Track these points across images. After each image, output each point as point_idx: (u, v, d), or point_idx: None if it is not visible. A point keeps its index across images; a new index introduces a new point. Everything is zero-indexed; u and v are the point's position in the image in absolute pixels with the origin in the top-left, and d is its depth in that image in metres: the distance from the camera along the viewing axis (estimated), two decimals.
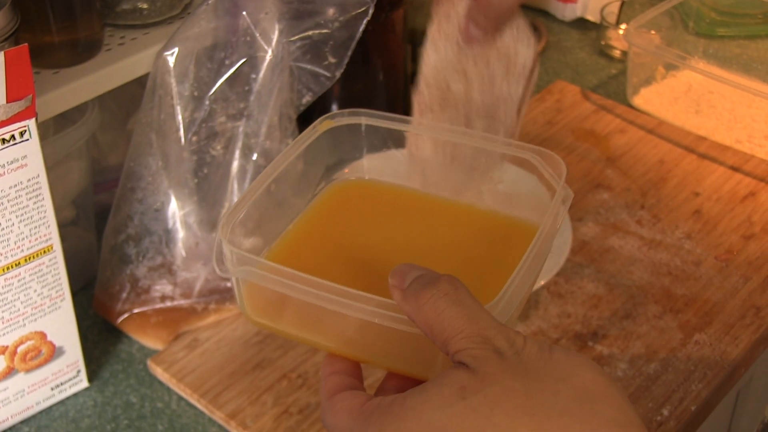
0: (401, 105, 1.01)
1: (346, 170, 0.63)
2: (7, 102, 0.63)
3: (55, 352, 0.76)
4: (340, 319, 0.50)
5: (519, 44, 0.64)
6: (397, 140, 0.62)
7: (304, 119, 0.80)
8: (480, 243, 0.60)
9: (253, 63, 0.81)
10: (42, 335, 0.74)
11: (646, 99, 1.14)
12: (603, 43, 1.28)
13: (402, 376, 0.51)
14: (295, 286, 0.49)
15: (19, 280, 0.70)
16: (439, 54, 0.63)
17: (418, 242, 0.59)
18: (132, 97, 0.92)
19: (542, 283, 0.84)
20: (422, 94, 0.64)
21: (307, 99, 0.84)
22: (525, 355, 0.43)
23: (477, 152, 0.61)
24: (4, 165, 0.66)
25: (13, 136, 0.65)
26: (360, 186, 0.64)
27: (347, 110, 0.62)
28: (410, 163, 0.63)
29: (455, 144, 0.62)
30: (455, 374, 0.42)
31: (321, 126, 0.61)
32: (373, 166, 0.63)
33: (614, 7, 1.27)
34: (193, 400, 0.78)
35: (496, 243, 0.60)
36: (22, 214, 0.68)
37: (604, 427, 0.40)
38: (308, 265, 0.54)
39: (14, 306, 0.71)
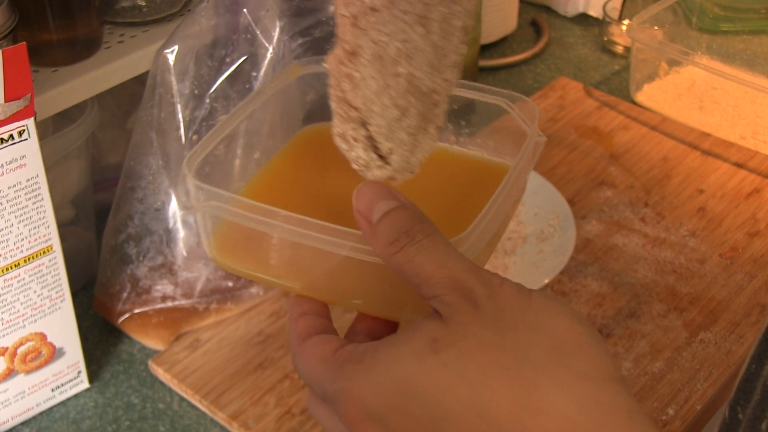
0: None
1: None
2: (5, 101, 0.63)
3: (55, 353, 0.75)
4: (307, 255, 0.48)
5: None
6: None
7: (307, 117, 0.79)
8: (453, 183, 0.58)
9: (254, 61, 0.80)
10: (42, 336, 0.74)
11: (650, 95, 1.14)
12: (606, 39, 1.27)
13: (373, 318, 0.49)
14: (260, 219, 0.47)
15: (18, 281, 0.70)
16: None
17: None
18: (132, 95, 0.91)
19: (546, 281, 0.84)
20: None
21: (311, 97, 0.83)
22: (501, 299, 0.41)
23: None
24: (2, 165, 0.65)
25: (11, 136, 0.64)
26: (329, 130, 0.62)
27: (316, 57, 0.59)
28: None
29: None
30: (427, 325, 0.41)
31: (290, 72, 0.59)
32: None
33: (617, 3, 1.27)
34: (194, 401, 0.78)
35: (469, 183, 0.58)
36: (21, 215, 0.68)
37: (577, 382, 0.39)
38: (277, 204, 0.51)
39: (14, 307, 0.71)
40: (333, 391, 0.43)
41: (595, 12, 1.32)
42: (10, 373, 0.73)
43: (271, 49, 0.80)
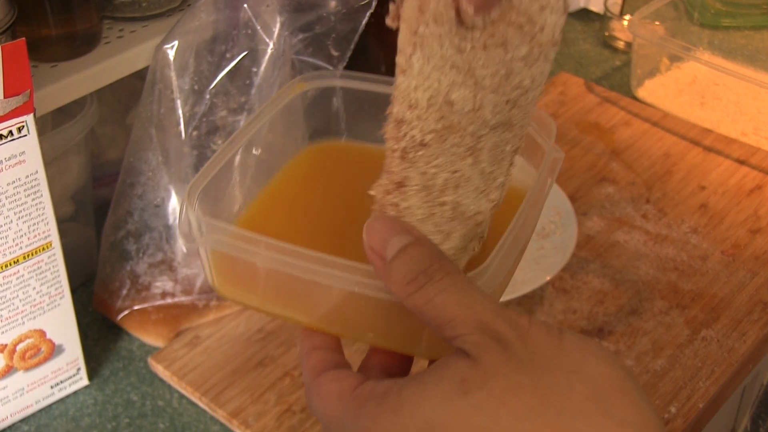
0: None
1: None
2: (4, 97, 0.62)
3: (54, 350, 0.75)
4: (317, 290, 0.46)
5: (544, 7, 0.44)
6: (377, 103, 0.57)
7: (312, 135, 0.79)
8: None
9: (254, 56, 0.79)
10: (41, 333, 0.73)
11: (651, 91, 1.13)
12: (607, 34, 1.27)
13: (387, 351, 0.47)
14: (266, 254, 0.45)
15: (17, 278, 0.69)
16: (426, 51, 0.41)
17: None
18: (131, 90, 0.91)
19: (548, 278, 0.83)
20: (405, 127, 0.43)
21: (311, 93, 0.83)
22: (531, 341, 0.39)
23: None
24: (1, 161, 0.64)
25: (10, 132, 0.64)
26: (336, 148, 0.60)
27: (321, 71, 0.58)
28: None
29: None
30: (455, 364, 0.39)
31: (293, 89, 0.57)
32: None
33: None
34: (194, 398, 0.77)
35: None
36: (20, 211, 0.67)
37: (620, 430, 0.37)
38: (281, 230, 0.50)
39: (13, 304, 0.70)
40: None
41: (596, 7, 1.32)
42: (9, 370, 0.73)
43: (271, 45, 0.79)
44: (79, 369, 0.78)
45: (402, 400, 0.39)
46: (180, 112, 0.79)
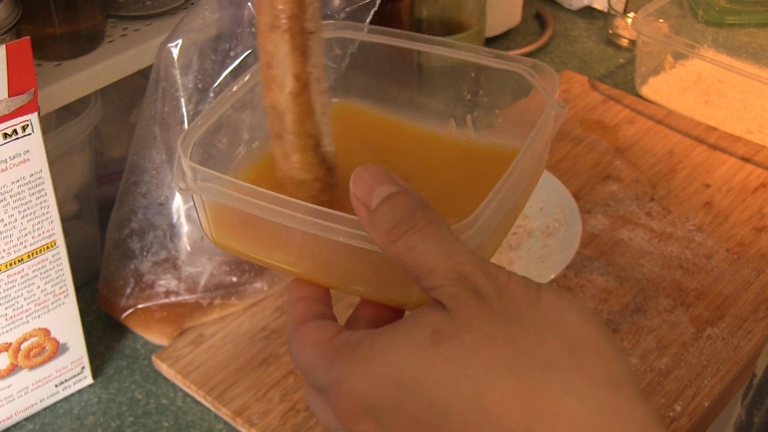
0: None
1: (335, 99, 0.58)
2: (9, 96, 0.62)
3: (58, 349, 0.75)
4: (306, 240, 0.46)
5: None
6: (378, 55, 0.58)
7: None
8: (459, 169, 0.55)
9: (258, 55, 0.79)
10: (46, 332, 0.73)
11: (655, 89, 1.13)
12: (610, 32, 1.26)
13: (376, 303, 0.47)
14: (258, 203, 0.45)
15: (22, 277, 0.69)
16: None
17: (394, 167, 0.52)
18: (135, 89, 0.91)
19: (552, 276, 0.83)
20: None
21: None
22: (508, 295, 0.39)
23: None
24: (6, 160, 0.64)
25: (15, 131, 0.64)
26: (337, 108, 0.59)
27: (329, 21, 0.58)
28: None
29: None
30: (429, 315, 0.39)
31: None
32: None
33: None
34: (198, 396, 0.77)
35: (477, 169, 0.55)
36: (24, 210, 0.67)
37: (591, 387, 0.36)
38: (276, 185, 0.49)
39: (17, 303, 0.70)
40: (326, 381, 0.40)
41: (599, 5, 1.31)
42: (13, 369, 0.73)
43: None
44: (83, 367, 0.78)
45: (374, 349, 0.39)
46: (184, 110, 0.79)
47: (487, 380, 0.37)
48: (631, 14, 1.23)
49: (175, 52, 0.77)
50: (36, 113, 0.64)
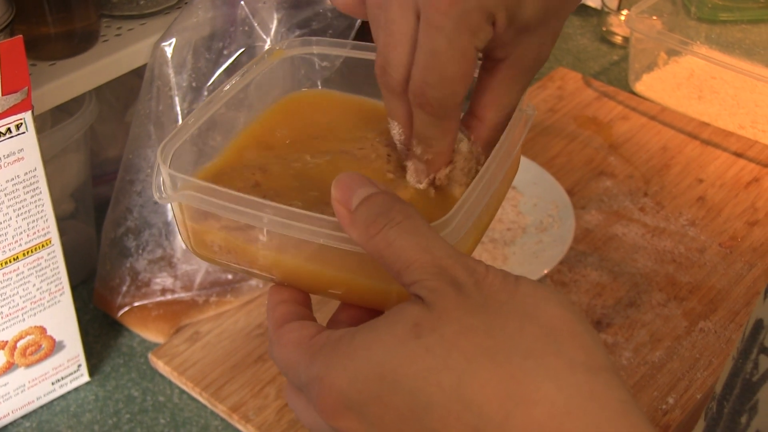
0: None
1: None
2: (2, 95, 0.63)
3: (55, 347, 0.75)
4: (283, 244, 0.46)
5: None
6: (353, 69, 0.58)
7: None
8: None
9: (251, 53, 0.80)
10: (42, 330, 0.74)
11: (649, 85, 1.13)
12: (604, 29, 1.27)
13: (357, 307, 0.47)
14: (230, 206, 0.45)
15: (17, 275, 0.70)
16: None
17: (372, 158, 0.53)
18: (130, 88, 0.91)
19: (545, 272, 0.84)
20: None
21: (294, 81, 0.83)
22: (487, 287, 0.39)
23: None
24: (0, 158, 0.65)
25: (9, 129, 0.64)
26: (312, 96, 0.59)
27: (299, 38, 0.57)
28: None
29: None
30: (409, 310, 0.39)
31: (273, 55, 0.56)
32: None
33: None
34: (194, 393, 0.78)
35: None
36: (19, 208, 0.68)
37: (568, 372, 0.37)
38: (249, 181, 0.49)
39: (13, 301, 0.71)
40: (308, 379, 0.40)
41: (593, 2, 1.32)
42: (10, 367, 0.73)
43: (268, 42, 0.80)
44: (79, 365, 0.78)
45: (354, 345, 0.39)
46: (178, 108, 0.79)
47: (467, 370, 0.37)
48: (625, 11, 1.23)
49: (169, 51, 0.78)
50: (30, 112, 0.65)
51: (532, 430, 0.36)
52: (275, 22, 0.80)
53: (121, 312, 0.83)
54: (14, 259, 0.69)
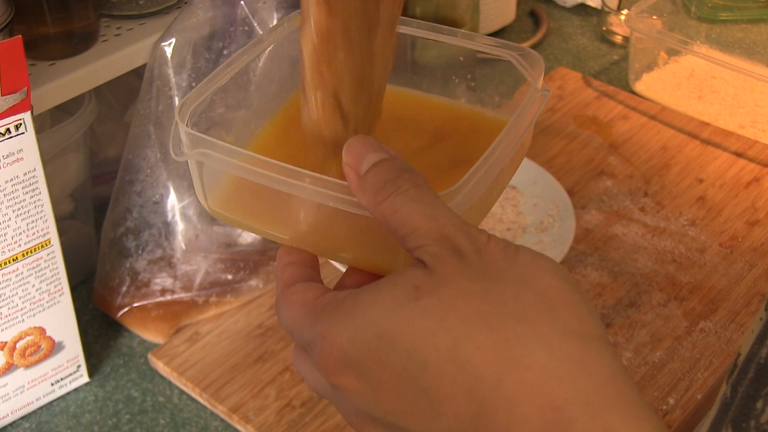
0: None
1: None
2: (1, 95, 0.62)
3: (54, 348, 0.75)
4: (298, 206, 0.47)
5: None
6: None
7: None
8: (450, 137, 0.56)
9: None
10: (41, 330, 0.74)
11: (649, 85, 1.13)
12: (604, 28, 1.27)
13: (364, 271, 0.48)
14: (252, 169, 0.46)
15: (17, 275, 0.70)
16: None
17: (385, 133, 0.54)
18: (129, 88, 0.91)
19: None
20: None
21: None
22: (487, 254, 0.40)
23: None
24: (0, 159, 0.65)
25: (8, 130, 0.64)
26: None
27: None
28: None
29: None
30: (410, 273, 0.40)
31: (294, 21, 0.57)
32: None
33: None
34: (194, 394, 0.78)
35: (467, 138, 0.56)
36: (18, 209, 0.67)
37: (561, 339, 0.38)
38: (274, 154, 0.50)
39: (12, 301, 0.71)
40: (311, 337, 0.42)
41: (593, 2, 1.32)
42: (9, 368, 0.73)
43: None
44: (79, 366, 0.78)
45: (356, 305, 0.40)
46: None
47: (463, 332, 0.38)
48: (625, 11, 1.23)
49: (169, 51, 0.78)
50: (29, 112, 0.65)
51: (523, 392, 0.37)
52: (275, 22, 0.80)
53: (121, 312, 0.83)
54: (13, 259, 0.69)
